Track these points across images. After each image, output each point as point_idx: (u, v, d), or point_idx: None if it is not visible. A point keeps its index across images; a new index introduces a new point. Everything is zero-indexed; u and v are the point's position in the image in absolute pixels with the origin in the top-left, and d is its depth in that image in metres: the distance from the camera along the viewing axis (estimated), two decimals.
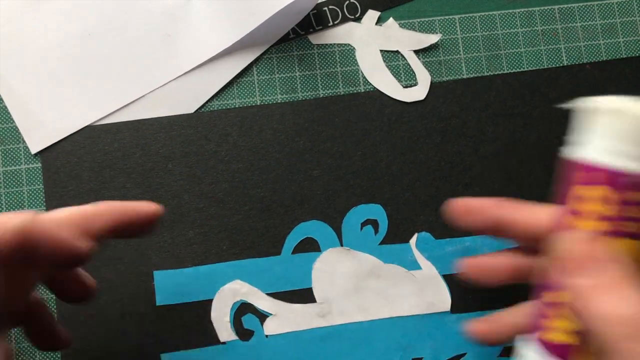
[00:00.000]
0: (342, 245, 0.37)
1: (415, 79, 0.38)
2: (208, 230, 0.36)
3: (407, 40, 0.39)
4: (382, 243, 0.37)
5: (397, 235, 0.37)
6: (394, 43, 0.39)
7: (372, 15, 0.39)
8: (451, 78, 0.39)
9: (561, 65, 0.39)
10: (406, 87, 0.38)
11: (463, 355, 0.36)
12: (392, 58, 0.39)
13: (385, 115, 0.38)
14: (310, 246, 0.37)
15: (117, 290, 0.36)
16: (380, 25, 0.39)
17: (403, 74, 0.39)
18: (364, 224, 0.37)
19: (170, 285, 0.36)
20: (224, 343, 0.36)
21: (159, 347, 0.36)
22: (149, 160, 0.37)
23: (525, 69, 0.39)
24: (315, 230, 0.37)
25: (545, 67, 0.39)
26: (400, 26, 0.39)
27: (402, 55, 0.39)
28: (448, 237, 0.37)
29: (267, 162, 0.37)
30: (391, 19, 0.39)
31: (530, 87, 0.38)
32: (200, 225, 0.36)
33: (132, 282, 0.36)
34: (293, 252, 0.37)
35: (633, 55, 0.39)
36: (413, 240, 0.37)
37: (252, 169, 0.37)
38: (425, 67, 0.39)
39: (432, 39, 0.38)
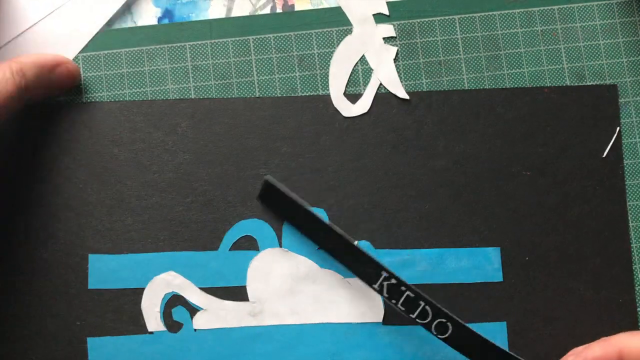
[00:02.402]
0: (281, 246, 0.37)
1: (358, 98, 0.38)
2: (147, 219, 0.36)
3: (387, 74, 0.38)
4: (321, 247, 0.37)
5: None
6: (376, 63, 0.38)
7: (387, 29, 0.39)
8: (451, 78, 0.38)
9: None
10: (350, 95, 0.38)
11: None
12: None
13: (338, 121, 0.38)
14: (249, 244, 0.37)
15: (51, 270, 0.36)
16: (385, 42, 0.39)
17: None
18: None
19: (104, 269, 0.36)
20: (151, 333, 0.35)
21: (86, 331, 0.35)
22: (96, 143, 0.37)
23: (525, 69, 0.39)
24: (256, 228, 0.37)
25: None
26: (399, 25, 0.39)
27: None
28: (387, 247, 0.37)
29: (214, 156, 0.37)
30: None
31: (487, 105, 0.38)
32: (140, 213, 0.36)
33: (66, 263, 0.36)
34: (231, 249, 0.36)
35: (633, 56, 0.39)
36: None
37: (198, 162, 0.37)
38: (424, 68, 0.38)
39: (401, 93, 0.38)
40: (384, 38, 0.39)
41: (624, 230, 0.37)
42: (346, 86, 0.38)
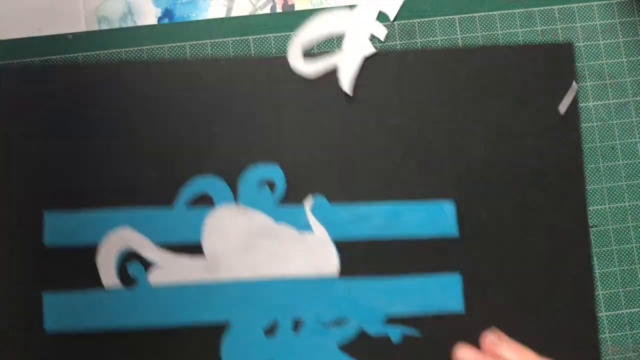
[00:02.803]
0: (236, 202, 0.37)
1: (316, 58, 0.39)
2: (102, 176, 0.36)
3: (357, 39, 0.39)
4: (277, 203, 0.37)
5: (293, 196, 0.37)
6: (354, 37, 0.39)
7: (381, 30, 0.39)
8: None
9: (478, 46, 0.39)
10: (308, 55, 0.38)
11: (346, 319, 0.36)
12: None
13: (295, 82, 0.38)
14: (204, 201, 0.37)
15: (5, 227, 0.36)
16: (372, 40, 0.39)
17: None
18: (261, 183, 0.37)
19: (60, 226, 0.36)
20: (107, 288, 0.36)
21: (42, 287, 0.36)
22: (56, 105, 0.37)
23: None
24: (211, 185, 0.37)
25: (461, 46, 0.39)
26: (399, 25, 0.39)
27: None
28: (343, 201, 0.37)
29: (169, 115, 0.37)
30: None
31: (441, 65, 0.39)
32: (95, 169, 0.36)
33: (20, 219, 0.36)
34: (186, 205, 0.37)
35: (633, 56, 0.39)
36: (308, 203, 0.37)
37: (153, 120, 0.37)
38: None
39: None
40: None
41: (580, 184, 0.38)
42: (309, 48, 0.39)
